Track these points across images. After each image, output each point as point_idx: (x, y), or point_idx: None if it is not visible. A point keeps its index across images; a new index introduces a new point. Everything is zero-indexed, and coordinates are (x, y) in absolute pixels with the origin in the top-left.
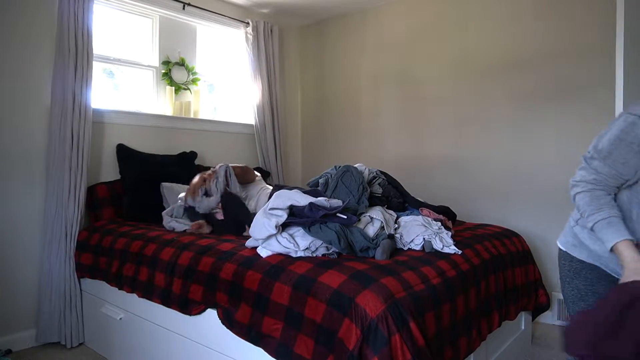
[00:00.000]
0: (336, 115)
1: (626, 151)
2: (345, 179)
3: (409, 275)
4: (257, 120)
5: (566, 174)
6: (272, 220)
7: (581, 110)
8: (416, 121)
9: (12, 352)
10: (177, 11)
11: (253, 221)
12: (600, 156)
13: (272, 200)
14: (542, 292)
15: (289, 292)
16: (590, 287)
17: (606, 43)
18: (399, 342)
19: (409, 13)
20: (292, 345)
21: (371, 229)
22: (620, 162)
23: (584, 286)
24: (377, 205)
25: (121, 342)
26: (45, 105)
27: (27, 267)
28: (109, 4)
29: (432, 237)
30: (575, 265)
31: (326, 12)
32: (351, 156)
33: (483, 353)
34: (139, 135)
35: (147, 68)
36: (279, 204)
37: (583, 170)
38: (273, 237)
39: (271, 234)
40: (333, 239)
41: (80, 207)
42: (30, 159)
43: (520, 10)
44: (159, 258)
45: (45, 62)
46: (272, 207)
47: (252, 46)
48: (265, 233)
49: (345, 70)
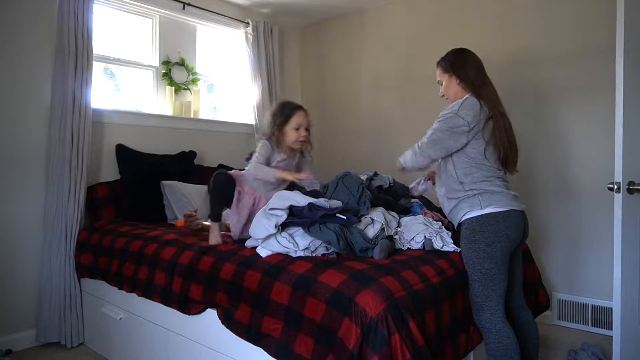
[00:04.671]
0: (336, 115)
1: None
2: (345, 180)
3: (409, 274)
4: (257, 120)
5: (566, 174)
6: (271, 220)
7: (581, 110)
8: (416, 121)
9: (12, 352)
10: (177, 11)
11: (253, 221)
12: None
13: (272, 201)
14: (542, 292)
15: (288, 291)
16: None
17: (606, 43)
18: (399, 342)
19: (409, 13)
20: (292, 345)
21: (371, 230)
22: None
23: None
24: (380, 207)
25: (121, 342)
26: (45, 105)
27: (27, 267)
28: (109, 4)
29: (433, 235)
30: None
31: (326, 12)
32: (351, 156)
33: (483, 352)
34: (139, 135)
35: (147, 68)
36: (279, 204)
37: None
38: (272, 237)
39: (271, 234)
40: (332, 240)
41: (80, 207)
42: (30, 159)
43: (520, 10)
44: (159, 257)
45: (45, 62)
46: (272, 208)
47: (252, 46)
48: (264, 233)
49: (345, 70)
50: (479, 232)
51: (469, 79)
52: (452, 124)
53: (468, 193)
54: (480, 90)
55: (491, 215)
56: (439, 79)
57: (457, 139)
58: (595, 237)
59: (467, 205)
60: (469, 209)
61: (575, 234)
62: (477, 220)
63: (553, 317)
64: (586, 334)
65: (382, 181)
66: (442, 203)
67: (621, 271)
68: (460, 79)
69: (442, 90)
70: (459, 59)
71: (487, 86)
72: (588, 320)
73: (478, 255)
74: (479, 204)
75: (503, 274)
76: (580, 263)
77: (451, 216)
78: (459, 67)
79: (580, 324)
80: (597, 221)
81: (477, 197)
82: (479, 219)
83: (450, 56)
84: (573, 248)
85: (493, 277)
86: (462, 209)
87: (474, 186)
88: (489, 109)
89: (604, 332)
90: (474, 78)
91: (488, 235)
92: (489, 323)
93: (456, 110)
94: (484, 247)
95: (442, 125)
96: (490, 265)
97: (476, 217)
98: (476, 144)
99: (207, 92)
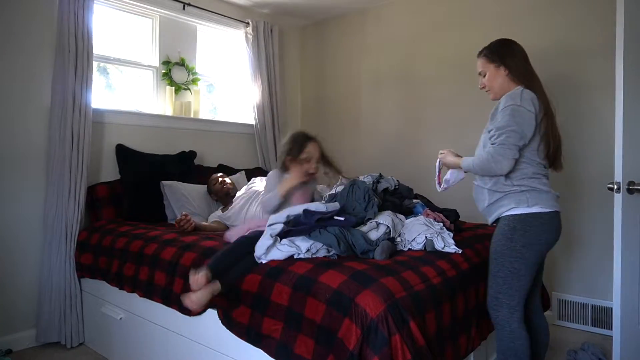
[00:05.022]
0: (336, 115)
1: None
2: (353, 189)
3: (409, 275)
4: (257, 120)
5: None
6: (266, 233)
7: (581, 110)
8: (416, 121)
9: (12, 352)
10: (177, 11)
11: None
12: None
13: (271, 217)
14: (543, 292)
15: (288, 292)
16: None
17: (606, 43)
18: (399, 342)
19: (409, 13)
20: (292, 346)
21: (374, 234)
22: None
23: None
24: (388, 210)
25: (121, 342)
26: (45, 106)
27: (27, 267)
28: (109, 4)
29: (434, 236)
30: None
31: (326, 12)
32: (351, 156)
33: (483, 352)
34: (139, 135)
35: (147, 68)
36: (276, 219)
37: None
38: (273, 248)
39: (269, 246)
40: (332, 243)
41: (80, 207)
42: (30, 159)
43: (520, 10)
44: (159, 257)
45: (45, 62)
46: (271, 223)
47: (252, 46)
48: (262, 249)
49: (345, 70)
50: (519, 231)
51: (519, 70)
52: (521, 117)
53: (515, 189)
54: (532, 83)
55: (536, 215)
56: (482, 70)
57: (530, 129)
58: (595, 237)
59: (513, 201)
60: (514, 205)
61: (576, 234)
62: (520, 219)
63: (553, 317)
64: (586, 334)
65: (388, 183)
66: (477, 194)
67: (621, 271)
68: (509, 70)
69: (485, 81)
70: (506, 49)
71: (536, 79)
72: (588, 320)
73: (511, 254)
74: (526, 201)
75: (531, 275)
76: (580, 263)
77: (488, 209)
78: (507, 57)
79: (580, 324)
80: (597, 221)
81: (524, 193)
82: (522, 218)
83: (496, 46)
84: (573, 248)
85: (520, 278)
86: (505, 204)
87: (522, 182)
88: (542, 103)
89: (604, 332)
90: (523, 70)
91: (528, 236)
92: (504, 321)
93: (518, 103)
94: (520, 247)
95: (510, 120)
96: (520, 266)
97: (519, 215)
98: (532, 138)
99: (207, 92)
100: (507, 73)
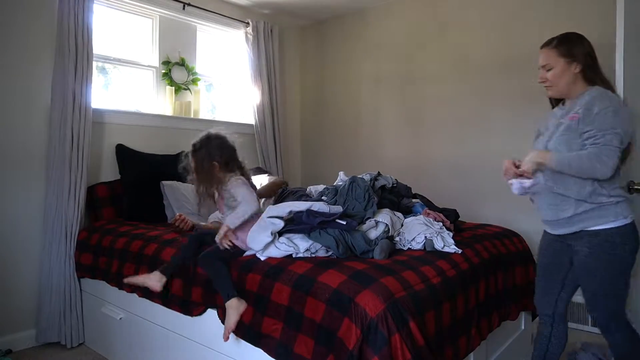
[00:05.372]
0: (336, 115)
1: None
2: (352, 187)
3: (409, 274)
4: (257, 120)
5: None
6: (267, 229)
7: None
8: (416, 121)
9: (12, 352)
10: (177, 11)
11: (249, 233)
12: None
13: (271, 209)
14: None
15: (288, 292)
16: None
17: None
18: (399, 342)
19: (409, 13)
20: (292, 345)
21: (373, 233)
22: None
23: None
24: (386, 208)
25: (121, 342)
26: (45, 105)
27: (27, 267)
28: (109, 4)
29: (434, 236)
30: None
31: (326, 12)
32: (351, 156)
33: (483, 352)
34: (139, 135)
35: (147, 68)
36: (278, 212)
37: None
38: (271, 245)
39: (267, 242)
40: (332, 245)
41: (80, 207)
42: (30, 159)
43: (520, 10)
44: (159, 258)
45: (45, 62)
46: (271, 216)
47: (252, 46)
48: (261, 245)
49: (345, 70)
50: (619, 245)
51: (596, 69)
52: (624, 120)
53: (611, 200)
54: (610, 83)
55: (633, 226)
56: (548, 63)
57: (629, 134)
58: None
59: (611, 213)
60: (613, 217)
61: None
62: (619, 232)
63: None
64: (586, 334)
65: (386, 181)
66: (557, 203)
67: None
68: (582, 67)
69: (549, 76)
70: (579, 44)
71: (607, 79)
72: (588, 320)
73: (620, 267)
74: (622, 213)
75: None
76: None
77: (569, 220)
78: (582, 53)
79: (580, 324)
80: None
81: (620, 205)
82: (621, 231)
83: (568, 40)
84: None
85: (627, 289)
86: (600, 216)
87: (616, 192)
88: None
89: None
90: (599, 70)
91: (627, 249)
92: (627, 337)
93: (621, 105)
94: (627, 259)
95: (615, 122)
96: (628, 280)
97: (617, 228)
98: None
99: (206, 92)
100: (579, 70)
